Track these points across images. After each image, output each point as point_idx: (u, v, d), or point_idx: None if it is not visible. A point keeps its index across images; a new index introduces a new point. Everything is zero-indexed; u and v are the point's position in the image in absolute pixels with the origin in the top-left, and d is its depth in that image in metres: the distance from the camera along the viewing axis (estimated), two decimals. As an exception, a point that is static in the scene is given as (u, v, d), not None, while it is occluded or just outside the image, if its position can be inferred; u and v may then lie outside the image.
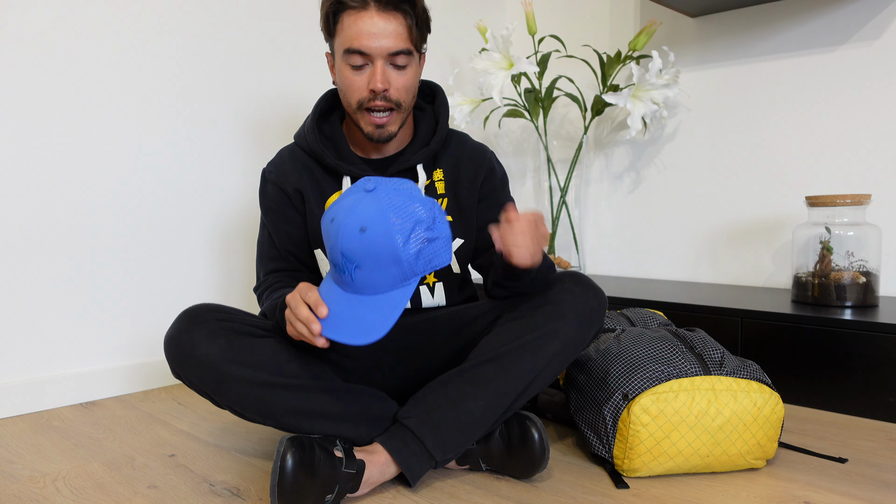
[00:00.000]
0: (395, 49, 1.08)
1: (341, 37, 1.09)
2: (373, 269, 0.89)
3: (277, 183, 1.19)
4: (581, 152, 2.29)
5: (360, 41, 1.07)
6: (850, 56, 1.80)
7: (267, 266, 1.20)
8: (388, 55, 1.08)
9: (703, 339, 1.17)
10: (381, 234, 0.87)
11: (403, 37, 1.09)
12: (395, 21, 1.08)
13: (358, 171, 1.17)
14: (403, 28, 1.08)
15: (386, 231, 0.87)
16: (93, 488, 1.06)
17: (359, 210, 0.89)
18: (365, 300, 0.91)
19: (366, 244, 0.88)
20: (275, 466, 0.91)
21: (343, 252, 0.89)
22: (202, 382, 1.01)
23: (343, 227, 0.89)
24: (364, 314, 0.90)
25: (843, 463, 1.14)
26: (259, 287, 1.19)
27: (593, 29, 2.31)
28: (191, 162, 1.72)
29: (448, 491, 1.03)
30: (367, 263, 0.89)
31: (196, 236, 1.74)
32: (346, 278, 0.91)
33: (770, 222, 1.95)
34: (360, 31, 1.07)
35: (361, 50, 1.07)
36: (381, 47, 1.07)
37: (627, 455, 1.06)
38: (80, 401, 1.55)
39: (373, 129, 1.12)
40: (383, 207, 0.89)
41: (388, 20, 1.07)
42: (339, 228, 0.90)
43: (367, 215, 0.88)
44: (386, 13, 1.07)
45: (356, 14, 1.07)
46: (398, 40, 1.08)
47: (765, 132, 1.95)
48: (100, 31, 1.54)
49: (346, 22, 1.08)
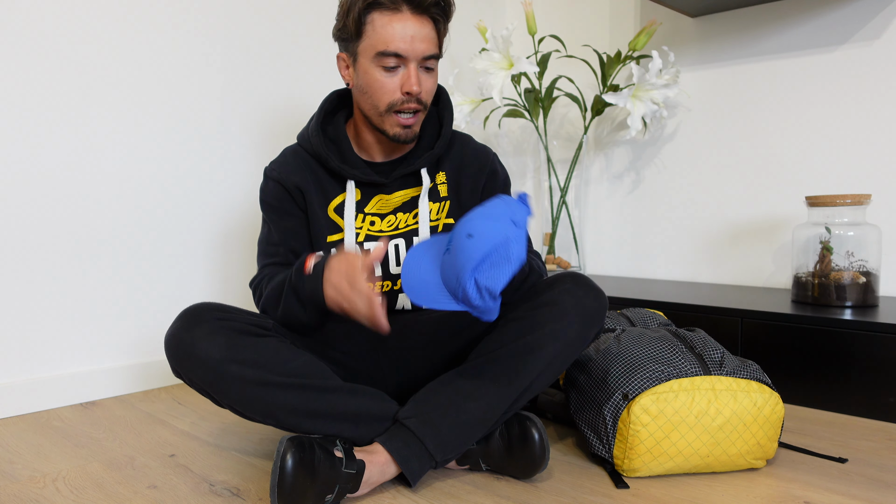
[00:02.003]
0: (428, 53, 1.10)
1: (372, 38, 1.09)
2: (450, 265, 0.95)
3: (280, 180, 1.19)
4: (581, 152, 2.29)
5: (396, 43, 1.07)
6: (850, 56, 1.80)
7: (267, 261, 1.20)
8: (421, 58, 1.09)
9: (703, 339, 1.17)
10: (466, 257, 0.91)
11: (434, 41, 1.11)
12: (428, 25, 1.10)
13: (362, 174, 1.17)
14: (434, 33, 1.11)
15: (468, 258, 0.91)
16: (93, 488, 1.06)
17: (489, 225, 0.93)
18: (433, 272, 0.98)
19: (459, 247, 0.93)
20: (275, 466, 0.91)
21: (454, 232, 0.96)
22: (202, 381, 1.02)
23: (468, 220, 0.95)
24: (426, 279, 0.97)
25: (843, 463, 1.14)
26: (255, 280, 1.19)
27: (593, 29, 2.31)
28: (191, 162, 1.72)
29: (448, 491, 1.03)
30: (451, 257, 0.95)
31: (196, 236, 1.74)
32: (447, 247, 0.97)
33: (770, 222, 1.95)
34: (394, 34, 1.07)
35: (398, 52, 1.08)
36: (417, 50, 1.08)
37: (627, 455, 1.06)
38: (80, 401, 1.55)
39: (400, 129, 1.13)
40: (497, 245, 0.91)
41: (421, 24, 1.08)
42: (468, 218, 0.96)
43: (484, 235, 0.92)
44: (420, 17, 1.08)
45: (390, 15, 1.07)
46: (431, 44, 1.10)
47: (765, 132, 1.95)
48: (101, 33, 1.54)
49: (379, 23, 1.08)
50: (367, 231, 1.19)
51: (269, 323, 1.09)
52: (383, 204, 1.20)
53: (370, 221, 1.20)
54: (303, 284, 1.04)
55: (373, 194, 1.20)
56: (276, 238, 1.20)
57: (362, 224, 1.19)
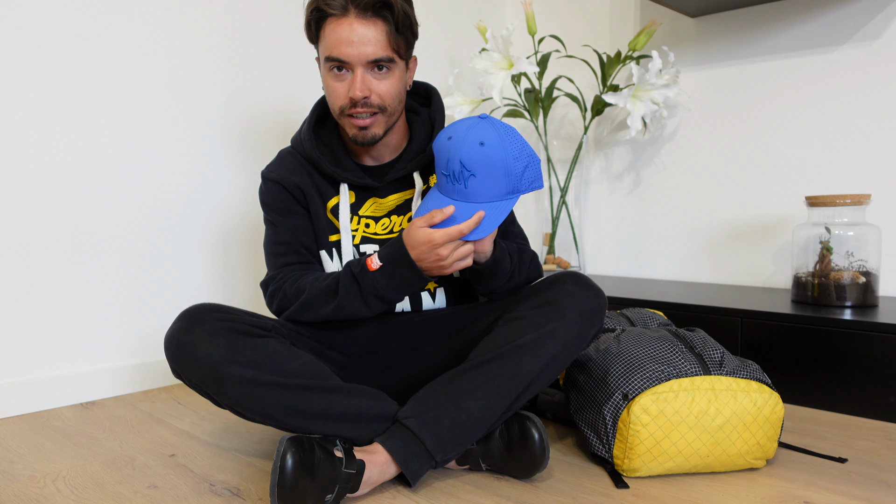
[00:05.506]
0: (374, 56, 1.08)
1: (323, 44, 1.10)
2: (486, 177, 1.04)
3: (279, 180, 1.19)
4: (581, 152, 2.29)
5: (340, 49, 1.07)
6: (850, 56, 1.80)
7: (278, 262, 1.19)
8: (367, 62, 1.08)
9: (703, 339, 1.17)
10: (497, 148, 1.03)
11: (383, 44, 1.08)
12: (375, 28, 1.07)
13: (355, 177, 1.17)
14: (383, 35, 1.08)
15: (502, 146, 1.03)
16: (93, 488, 1.06)
17: (477, 130, 1.04)
18: (475, 205, 1.05)
19: (484, 155, 1.03)
20: (275, 466, 0.91)
21: (462, 161, 1.03)
22: (202, 382, 1.02)
23: (464, 141, 1.03)
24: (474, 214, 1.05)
25: (843, 463, 1.14)
26: (273, 281, 1.17)
27: (593, 29, 2.31)
28: (190, 162, 1.72)
29: (448, 491, 1.03)
30: (482, 172, 1.03)
31: (196, 236, 1.74)
32: (460, 186, 1.05)
33: (770, 222, 1.95)
34: (339, 39, 1.07)
35: (340, 58, 1.08)
36: (360, 54, 1.07)
37: (627, 455, 1.06)
38: (80, 401, 1.55)
39: (356, 131, 1.13)
40: (497, 130, 1.04)
41: (367, 27, 1.07)
42: (459, 142, 1.04)
43: (486, 134, 1.03)
44: (365, 20, 1.07)
45: (336, 21, 1.08)
46: (377, 47, 1.08)
47: (765, 132, 1.95)
48: (98, 35, 1.54)
49: (328, 29, 1.09)
50: (362, 233, 1.19)
51: (268, 323, 1.09)
52: (377, 207, 1.20)
53: (365, 223, 1.20)
54: (376, 283, 1.06)
55: (367, 197, 1.20)
56: (284, 237, 1.18)
57: (357, 226, 1.19)
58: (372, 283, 1.06)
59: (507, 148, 1.03)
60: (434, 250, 1.02)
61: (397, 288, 1.07)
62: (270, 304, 1.17)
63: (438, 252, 1.02)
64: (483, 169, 1.03)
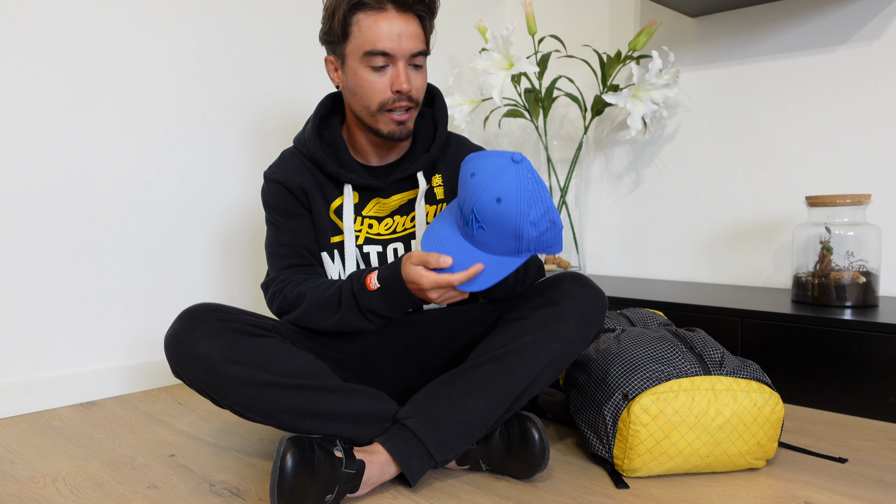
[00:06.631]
0: (416, 50, 1.10)
1: (359, 38, 1.09)
2: (495, 234, 0.98)
3: (282, 181, 1.19)
4: (581, 152, 2.29)
5: (384, 42, 1.07)
6: (850, 56, 1.80)
7: (280, 263, 1.18)
8: (409, 56, 1.09)
9: (703, 339, 1.17)
10: (513, 209, 0.96)
11: (421, 38, 1.11)
12: (414, 22, 1.09)
13: (359, 178, 1.17)
14: (420, 29, 1.11)
15: (517, 209, 0.96)
16: (93, 488, 1.06)
17: (500, 181, 0.96)
18: (479, 254, 1.00)
19: (498, 213, 0.96)
20: (275, 466, 0.91)
21: (475, 210, 0.98)
22: (202, 382, 1.02)
23: (484, 190, 0.96)
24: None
25: (843, 463, 1.14)
26: (274, 283, 1.16)
27: (593, 29, 2.31)
28: (191, 162, 1.72)
29: (448, 491, 1.03)
30: (492, 228, 0.98)
31: (196, 236, 1.74)
32: (469, 230, 1.00)
33: (770, 222, 1.95)
34: (381, 33, 1.07)
35: (385, 51, 1.08)
36: (405, 48, 1.08)
37: (627, 455, 1.06)
38: (80, 401, 1.55)
39: (395, 126, 1.13)
40: (523, 184, 0.96)
41: (407, 22, 1.08)
42: (478, 189, 0.97)
43: (507, 188, 0.96)
44: (405, 14, 1.08)
45: (375, 15, 1.07)
46: (418, 41, 1.10)
47: (765, 132, 1.95)
48: (101, 34, 1.54)
49: (365, 23, 1.08)
50: (365, 234, 1.19)
51: (269, 323, 1.09)
52: (380, 207, 1.20)
53: (368, 224, 1.20)
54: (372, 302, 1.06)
55: (370, 197, 1.20)
56: (286, 239, 1.18)
57: (361, 227, 1.19)
58: (370, 302, 1.06)
59: (525, 212, 0.96)
60: (423, 291, 1.01)
61: (394, 308, 1.07)
62: (271, 306, 1.17)
63: (427, 294, 1.01)
64: (493, 226, 0.98)
